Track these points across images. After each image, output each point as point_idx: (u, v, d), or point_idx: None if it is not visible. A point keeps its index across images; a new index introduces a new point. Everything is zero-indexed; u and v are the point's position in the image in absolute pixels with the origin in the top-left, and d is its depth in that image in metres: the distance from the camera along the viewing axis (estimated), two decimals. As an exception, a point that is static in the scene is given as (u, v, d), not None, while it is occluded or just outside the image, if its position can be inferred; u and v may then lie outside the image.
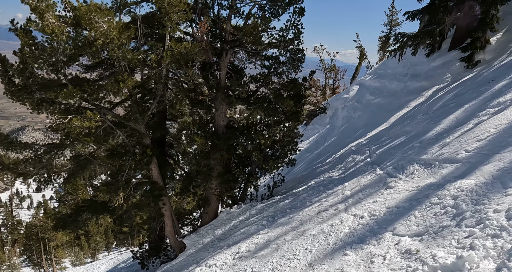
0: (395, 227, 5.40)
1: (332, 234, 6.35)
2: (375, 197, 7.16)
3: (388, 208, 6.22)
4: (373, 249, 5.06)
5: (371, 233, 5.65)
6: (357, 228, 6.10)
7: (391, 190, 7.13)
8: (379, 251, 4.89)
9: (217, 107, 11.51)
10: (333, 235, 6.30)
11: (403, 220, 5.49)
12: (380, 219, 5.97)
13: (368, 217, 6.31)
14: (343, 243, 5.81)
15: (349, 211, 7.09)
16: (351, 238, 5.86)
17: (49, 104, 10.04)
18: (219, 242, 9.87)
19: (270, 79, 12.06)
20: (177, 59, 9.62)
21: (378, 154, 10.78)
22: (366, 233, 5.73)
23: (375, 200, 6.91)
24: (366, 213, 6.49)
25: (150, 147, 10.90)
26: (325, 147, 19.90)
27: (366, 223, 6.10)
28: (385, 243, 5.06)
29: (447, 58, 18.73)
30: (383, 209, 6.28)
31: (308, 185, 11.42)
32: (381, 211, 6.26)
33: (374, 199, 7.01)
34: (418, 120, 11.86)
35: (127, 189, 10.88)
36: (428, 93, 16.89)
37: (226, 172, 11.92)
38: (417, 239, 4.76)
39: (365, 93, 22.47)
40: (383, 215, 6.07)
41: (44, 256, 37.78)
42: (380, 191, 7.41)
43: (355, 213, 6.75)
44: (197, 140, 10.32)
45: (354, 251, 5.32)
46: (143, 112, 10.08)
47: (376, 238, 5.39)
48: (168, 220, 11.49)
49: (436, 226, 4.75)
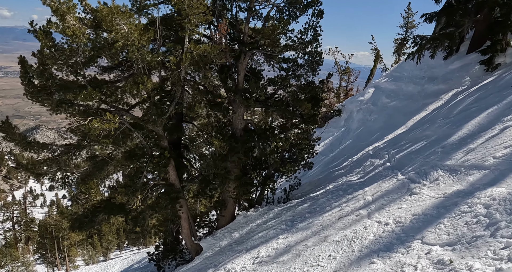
0: (423, 235, 5.26)
1: (356, 241, 6.23)
2: (399, 204, 7.02)
3: (414, 215, 6.08)
4: (402, 258, 4.93)
5: (398, 241, 5.52)
6: (383, 235, 5.97)
7: (416, 196, 6.98)
8: (409, 260, 4.76)
9: (235, 109, 11.45)
10: (358, 242, 6.18)
11: (431, 228, 5.35)
12: (406, 227, 5.84)
13: (394, 224, 6.17)
14: (369, 250, 5.69)
15: (372, 218, 6.96)
16: (377, 245, 5.73)
17: (68, 106, 10.09)
18: (236, 245, 9.80)
19: (288, 82, 11.97)
20: (197, 61, 9.58)
21: (398, 159, 10.61)
22: (393, 241, 5.61)
23: (400, 207, 6.77)
24: (391, 220, 6.35)
25: (167, 149, 10.88)
26: (341, 150, 19.72)
27: (392, 231, 5.97)
28: (414, 252, 4.93)
29: (465, 61, 18.45)
30: (409, 216, 6.14)
31: (326, 189, 11.29)
32: (407, 218, 6.12)
33: (398, 206, 6.87)
34: (439, 124, 11.66)
35: (144, 191, 10.87)
36: (446, 96, 16.63)
37: (243, 175, 11.86)
38: (448, 249, 4.62)
39: (381, 96, 22.23)
40: (409, 223, 5.93)
41: (58, 255, 38.14)
42: (403, 197, 7.26)
43: (379, 220, 6.61)
44: (216, 143, 10.26)
45: (381, 259, 5.19)
46: (162, 114, 10.06)
47: (404, 246, 5.26)
48: (185, 223, 11.46)
49: (468, 236, 4.61)
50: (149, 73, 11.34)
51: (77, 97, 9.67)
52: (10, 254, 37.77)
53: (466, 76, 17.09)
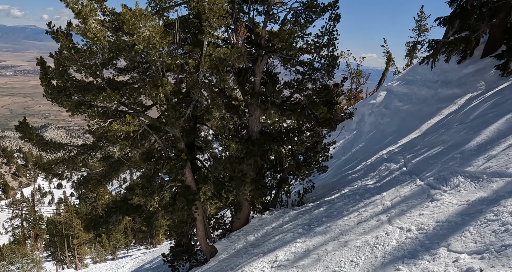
0: (449, 243, 5.26)
1: (378, 247, 6.23)
2: (420, 210, 7.01)
3: (437, 222, 6.07)
4: (428, 265, 4.93)
5: (423, 247, 5.52)
6: (406, 241, 5.97)
7: (437, 203, 6.97)
8: (436, 268, 4.77)
9: (251, 112, 11.50)
10: (380, 248, 6.19)
11: (457, 236, 5.34)
12: (430, 234, 5.83)
13: (416, 230, 6.17)
14: (393, 257, 5.69)
15: (393, 223, 6.96)
16: (400, 252, 5.74)
17: (87, 107, 10.18)
18: (253, 248, 9.84)
19: (304, 85, 11.98)
20: (216, 64, 9.64)
21: (414, 164, 10.58)
22: (417, 248, 5.61)
23: (421, 213, 6.76)
24: (413, 226, 6.35)
25: (184, 151, 10.95)
26: (353, 154, 19.68)
27: (415, 237, 5.97)
28: (441, 260, 4.93)
29: (480, 65, 18.31)
30: (432, 223, 6.13)
31: (342, 193, 11.29)
32: (430, 224, 6.11)
33: (420, 212, 6.87)
34: (455, 130, 11.60)
35: (160, 192, 10.95)
36: (461, 101, 16.53)
37: (259, 177, 11.90)
38: (477, 257, 4.61)
39: (393, 99, 22.15)
40: (433, 230, 5.93)
41: (67, 253, 38.43)
42: (424, 203, 7.25)
43: (401, 226, 6.61)
44: (233, 146, 10.31)
45: (407, 266, 5.20)
46: (180, 116, 10.13)
47: (429, 253, 5.26)
48: (200, 225, 11.51)
49: (497, 245, 4.60)
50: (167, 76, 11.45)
51: (96, 98, 9.76)
52: (19, 251, 38.13)
53: (481, 80, 16.97)
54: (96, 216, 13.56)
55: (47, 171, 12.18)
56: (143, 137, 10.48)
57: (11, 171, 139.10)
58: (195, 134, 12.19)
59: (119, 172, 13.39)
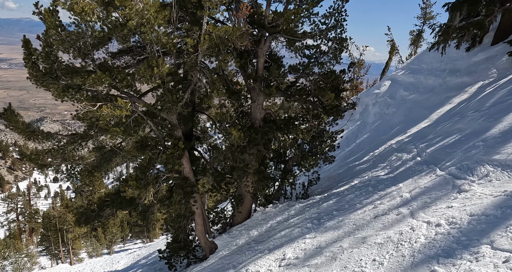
0: (492, 239, 4.49)
1: (404, 244, 5.45)
2: (447, 202, 6.24)
3: (471, 216, 5.30)
4: (472, 266, 4.15)
5: (460, 245, 4.74)
6: (437, 238, 5.19)
7: (466, 194, 6.20)
8: (484, 269, 3.99)
9: (254, 98, 10.67)
10: (406, 245, 5.40)
11: (500, 231, 4.58)
12: (465, 229, 5.06)
13: (447, 225, 5.40)
14: (424, 256, 4.91)
15: (417, 217, 6.18)
16: (433, 250, 4.96)
17: (75, 91, 9.32)
18: (256, 245, 9.05)
19: (310, 70, 11.17)
20: (216, 43, 8.79)
21: (430, 153, 9.81)
22: (452, 245, 4.83)
23: (449, 205, 5.99)
24: (442, 220, 5.57)
25: (182, 139, 10.14)
26: (358, 144, 18.92)
27: (447, 233, 5.19)
28: (487, 260, 4.15)
29: (490, 53, 17.57)
30: (465, 217, 5.36)
31: (352, 184, 10.51)
32: (463, 218, 5.34)
33: (448, 204, 6.09)
34: (472, 117, 10.86)
35: (156, 184, 10.14)
36: (472, 89, 15.75)
37: (262, 168, 11.10)
38: (532, 258, 3.85)
39: (398, 89, 21.36)
40: (467, 224, 5.15)
41: (61, 248, 37.61)
42: (451, 194, 6.48)
43: (427, 220, 5.83)
44: (234, 134, 9.48)
45: (444, 267, 4.42)
46: (177, 101, 9.30)
47: (470, 252, 4.48)
48: (199, 219, 10.72)
49: (557, 242, 3.84)
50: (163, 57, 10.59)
51: (85, 81, 8.92)
52: (14, 245, 37.33)
53: (492, 68, 16.21)
54: (88, 209, 12.77)
55: (33, 161, 11.36)
56: (137, 124, 9.65)
57: (7, 165, 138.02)
58: (193, 122, 11.37)
59: (112, 163, 12.58)
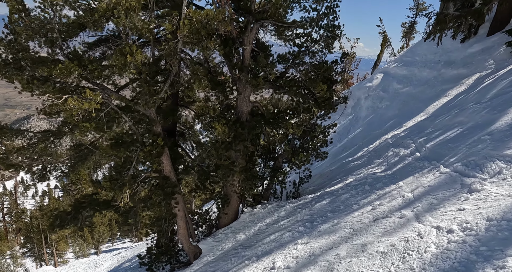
0: (521, 251, 3.74)
1: (412, 254, 4.69)
2: (457, 203, 5.49)
3: (489, 221, 4.55)
4: (502, 287, 3.40)
5: (480, 257, 3.99)
6: (450, 247, 4.44)
7: (479, 194, 5.46)
8: (517, 292, 3.24)
9: (240, 90, 9.83)
10: (415, 255, 4.64)
11: (529, 241, 3.84)
12: (484, 237, 4.31)
13: (461, 231, 4.65)
14: (438, 269, 4.15)
15: (424, 221, 5.42)
16: (447, 262, 4.20)
17: (42, 82, 8.40)
18: (244, 250, 8.26)
19: (301, 59, 10.36)
20: (197, 29, 7.93)
21: (430, 148, 9.09)
22: (471, 257, 4.07)
23: (461, 208, 5.24)
24: (455, 225, 4.82)
25: (161, 135, 9.28)
26: (350, 140, 18.21)
27: (462, 241, 4.44)
28: (519, 279, 3.41)
29: (486, 44, 16.95)
30: (481, 222, 4.61)
31: (346, 183, 9.76)
32: (479, 224, 4.59)
33: (458, 206, 5.34)
34: (473, 110, 10.17)
35: (134, 185, 9.28)
36: (469, 81, 15.10)
37: (250, 166, 10.29)
38: None
39: (391, 82, 20.68)
40: (485, 231, 4.40)
41: (45, 249, 36.41)
42: (461, 195, 5.74)
43: (436, 225, 5.08)
44: (218, 128, 8.65)
45: (466, 286, 3.67)
46: (154, 93, 8.43)
47: (493, 266, 3.73)
48: (181, 222, 9.88)
49: None
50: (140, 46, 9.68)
51: (51, 71, 8.01)
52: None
53: (489, 59, 15.58)
54: (62, 212, 11.85)
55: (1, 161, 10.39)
56: (111, 119, 8.78)
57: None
58: (174, 116, 10.51)
59: (88, 162, 11.68)
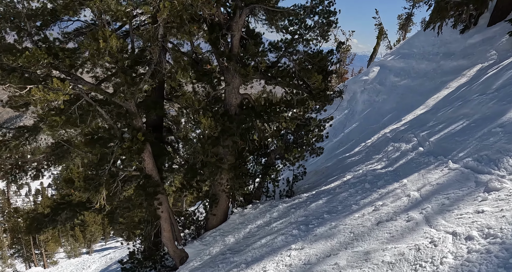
0: None
1: (426, 266, 3.97)
2: (474, 204, 4.77)
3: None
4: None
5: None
6: (472, 258, 3.72)
7: (499, 194, 4.74)
8: None
9: (228, 80, 9.06)
10: (429, 268, 3.92)
11: None
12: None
13: (483, 238, 3.94)
14: (460, 287, 3.44)
15: (436, 225, 4.70)
16: (470, 278, 3.48)
17: (8, 72, 7.59)
18: (232, 255, 7.51)
19: (294, 48, 9.61)
20: (178, 11, 7.14)
21: (434, 142, 8.39)
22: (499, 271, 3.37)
23: (479, 210, 4.52)
24: (474, 231, 4.11)
25: (142, 130, 8.50)
26: (346, 135, 17.51)
27: (486, 250, 3.72)
28: None
29: (487, 34, 16.29)
30: (507, 227, 3.90)
31: (344, 180, 9.03)
32: (504, 229, 3.88)
33: (476, 208, 4.63)
34: (479, 101, 9.48)
35: (113, 185, 8.49)
36: (470, 72, 14.43)
37: (240, 163, 9.53)
38: None
39: (388, 75, 19.98)
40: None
41: (34, 250, 35.42)
42: (477, 194, 5.02)
43: (452, 230, 4.36)
44: (204, 122, 7.88)
45: (498, 311, 2.95)
46: (133, 84, 7.63)
47: (531, 285, 3.02)
48: (166, 224, 9.13)
49: None
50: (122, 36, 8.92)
51: (17, 59, 7.18)
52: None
53: (491, 50, 14.91)
54: (40, 214, 11.05)
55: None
56: (85, 113, 7.97)
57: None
58: (157, 109, 9.72)
59: (66, 160, 10.87)
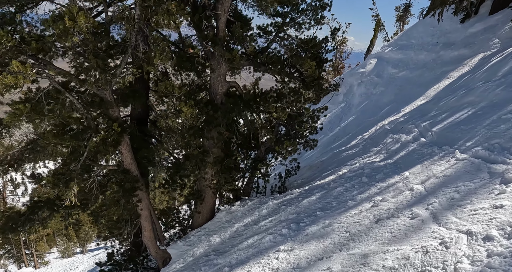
0: None
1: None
2: (490, 198, 4.09)
3: (545, 223, 3.16)
4: None
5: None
6: (494, 264, 3.04)
7: (518, 186, 4.07)
8: None
9: (214, 67, 8.33)
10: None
11: None
12: (543, 248, 2.92)
13: (505, 239, 3.27)
14: (481, 301, 2.76)
15: (446, 223, 4.02)
16: (493, 289, 2.80)
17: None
18: (216, 257, 6.81)
19: (285, 32, 8.90)
20: (154, -13, 6.42)
21: (438, 132, 7.72)
22: (530, 282, 2.69)
23: (497, 204, 3.84)
24: (493, 230, 3.44)
25: (119, 121, 7.78)
26: (342, 128, 16.82)
27: (510, 254, 3.05)
28: None
29: (489, 23, 15.67)
30: (533, 225, 3.22)
31: (339, 174, 8.35)
32: (530, 228, 3.20)
33: (493, 202, 3.95)
34: (484, 88, 8.84)
35: (89, 180, 7.77)
36: (472, 61, 13.77)
37: (226, 156, 8.80)
38: None
39: (386, 67, 19.30)
40: (542, 239, 3.02)
41: (24, 250, 34.60)
42: (492, 186, 4.33)
43: (466, 229, 3.68)
44: (185, 111, 7.16)
45: None
46: (106, 69, 6.90)
47: None
48: (146, 222, 8.42)
49: None
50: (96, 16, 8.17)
51: (-25, 42, 6.44)
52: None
53: (493, 38, 14.27)
54: (16, 213, 10.30)
55: None
56: (54, 100, 7.24)
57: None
58: (137, 100, 8.99)
59: (42, 154, 10.12)
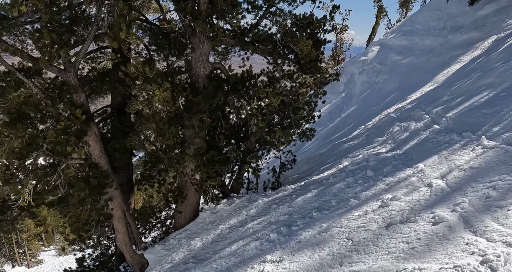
0: None
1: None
2: (540, 197, 3.05)
3: None
4: None
5: None
6: None
7: None
8: None
9: (195, 45, 7.25)
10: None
11: None
12: None
13: None
14: None
15: (484, 231, 2.98)
16: None
17: None
18: (195, 265, 5.77)
19: (276, 6, 7.82)
20: None
21: (454, 118, 6.66)
22: None
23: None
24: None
25: (85, 108, 6.73)
26: (343, 119, 15.77)
27: None
28: None
29: (501, 4, 14.65)
30: None
31: (340, 168, 7.29)
32: None
33: (546, 202, 2.90)
34: (504, 68, 7.84)
35: (53, 175, 6.73)
36: (484, 44, 12.69)
37: (210, 148, 7.71)
38: None
39: (389, 54, 18.21)
40: None
41: (17, 249, 33.63)
42: (539, 181, 3.29)
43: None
44: (158, 94, 6.08)
45: None
46: (64, 45, 5.83)
47: None
48: (119, 224, 7.41)
49: None
50: None
51: None
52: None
53: (507, 19, 13.24)
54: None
55: None
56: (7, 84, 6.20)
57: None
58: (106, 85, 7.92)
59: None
